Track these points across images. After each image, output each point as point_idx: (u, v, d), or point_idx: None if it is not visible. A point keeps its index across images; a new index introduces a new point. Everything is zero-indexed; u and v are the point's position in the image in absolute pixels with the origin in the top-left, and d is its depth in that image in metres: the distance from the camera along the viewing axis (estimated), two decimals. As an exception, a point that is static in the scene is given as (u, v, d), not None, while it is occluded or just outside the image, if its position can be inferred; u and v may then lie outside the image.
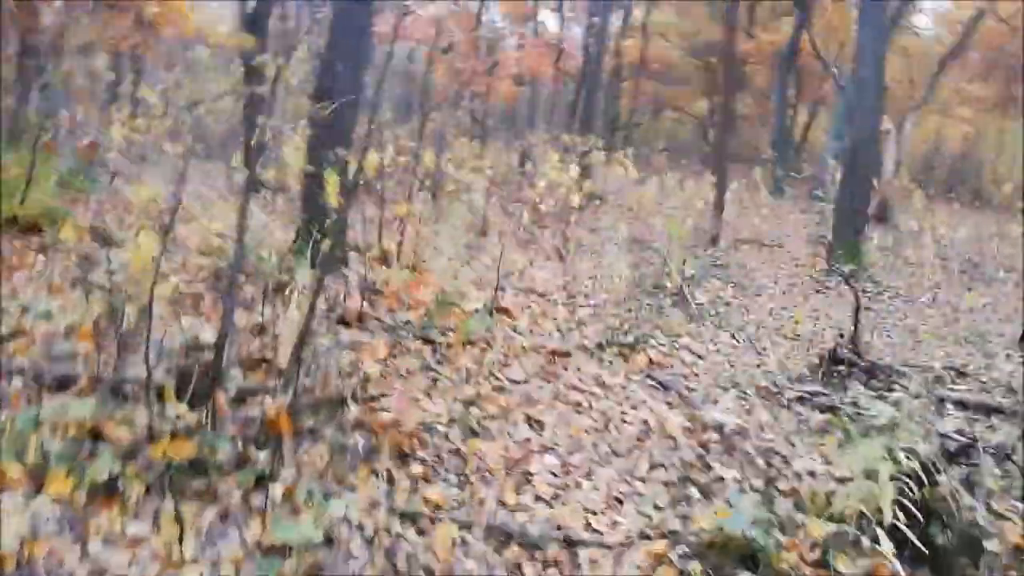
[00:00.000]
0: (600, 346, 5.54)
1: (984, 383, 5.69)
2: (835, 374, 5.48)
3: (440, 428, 3.76)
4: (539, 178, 9.84)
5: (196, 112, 10.25)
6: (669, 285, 7.43)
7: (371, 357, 4.55)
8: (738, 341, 6.33)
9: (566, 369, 5.12)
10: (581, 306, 6.57)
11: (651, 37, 27.02)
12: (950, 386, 5.60)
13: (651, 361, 5.45)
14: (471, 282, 6.73)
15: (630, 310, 6.57)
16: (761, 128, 30.76)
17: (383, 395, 4.04)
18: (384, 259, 6.74)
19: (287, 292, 5.03)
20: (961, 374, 5.90)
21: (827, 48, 23.58)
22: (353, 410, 3.69)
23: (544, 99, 25.96)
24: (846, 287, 9.31)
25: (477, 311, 5.75)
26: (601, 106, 25.19)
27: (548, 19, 23.56)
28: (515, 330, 5.67)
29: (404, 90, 22.25)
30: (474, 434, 3.83)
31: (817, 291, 9.16)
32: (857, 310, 5.45)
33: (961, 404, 5.14)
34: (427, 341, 5.14)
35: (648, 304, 6.89)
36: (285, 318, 4.55)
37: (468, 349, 5.08)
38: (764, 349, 6.23)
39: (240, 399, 3.57)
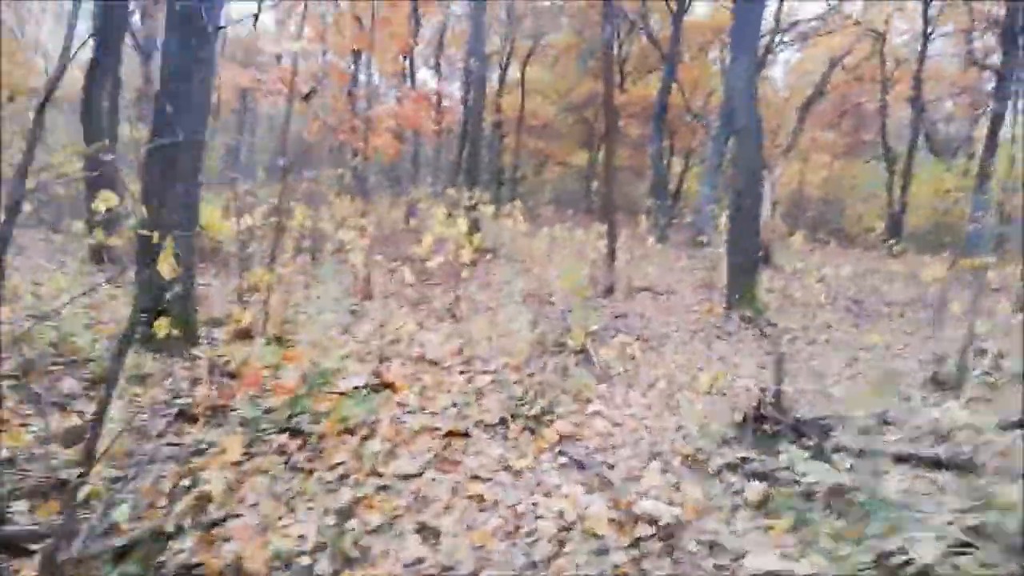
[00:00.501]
0: (503, 421, 4.73)
1: (913, 430, 5.25)
2: (761, 433, 4.89)
3: (303, 561, 2.82)
4: (426, 234, 9.05)
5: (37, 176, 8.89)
6: (571, 343, 6.74)
7: (220, 462, 3.55)
8: (651, 401, 5.68)
9: (465, 454, 4.27)
10: (479, 372, 5.76)
11: (528, 93, 27.17)
12: (880, 437, 5.13)
13: (562, 435, 4.69)
14: (351, 354, 5.80)
15: (532, 374, 5.81)
16: (638, 179, 31.47)
17: (229, 517, 3.06)
18: (246, 334, 5.72)
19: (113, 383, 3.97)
20: (885, 422, 5.45)
21: (694, 100, 24.34)
22: (182, 547, 2.71)
23: (427, 155, 25.44)
24: (748, 332, 8.97)
25: (357, 389, 4.83)
26: (485, 160, 24.93)
27: (426, 77, 23.19)
28: (404, 409, 4.78)
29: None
30: (349, 562, 2.91)
31: (718, 337, 8.75)
32: (779, 362, 4.92)
33: (900, 459, 4.64)
34: (294, 433, 4.18)
35: (552, 365, 6.16)
36: (108, 418, 3.50)
37: (345, 439, 4.15)
38: (678, 407, 5.60)
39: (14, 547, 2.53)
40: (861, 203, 30.16)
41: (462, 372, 5.73)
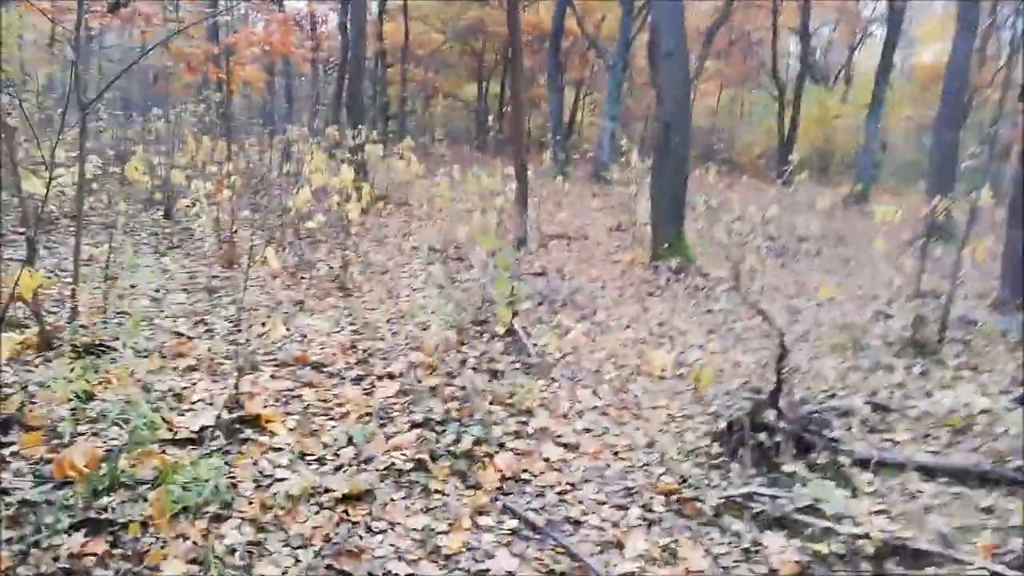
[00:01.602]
0: (422, 464, 3.30)
1: (921, 421, 4.23)
2: (755, 446, 3.70)
3: None
4: (304, 182, 7.30)
5: None
6: (494, 321, 5.34)
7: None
8: (605, 400, 4.39)
9: (371, 531, 2.84)
10: (381, 378, 4.27)
11: (411, 19, 24.82)
12: (888, 436, 4.07)
13: (504, 475, 3.32)
14: (201, 363, 4.16)
15: (452, 375, 4.38)
16: (532, 112, 29.93)
17: None
18: (44, 343, 3.96)
19: None
20: (882, 407, 4.42)
21: (587, 27, 22.85)
22: None
23: (306, 89, 22.88)
24: (681, 285, 7.84)
25: (204, 434, 3.27)
26: (369, 94, 22.65)
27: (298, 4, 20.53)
28: (275, 458, 3.26)
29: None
30: None
31: (651, 294, 7.59)
32: (781, 355, 3.73)
33: (926, 471, 3.57)
34: (98, 527, 2.61)
35: (475, 359, 4.75)
36: None
37: (179, 529, 2.63)
38: (640, 407, 4.35)
39: None
40: (748, 133, 29.96)
41: (358, 380, 4.22)
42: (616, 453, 3.71)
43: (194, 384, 3.85)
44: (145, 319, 4.74)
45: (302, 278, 6.74)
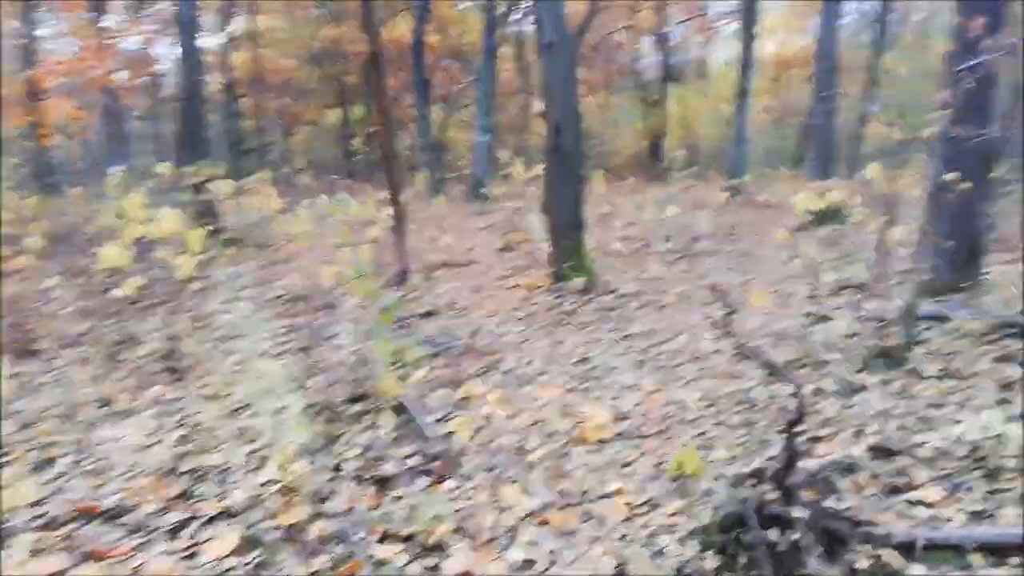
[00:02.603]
0: None
1: (935, 462, 3.26)
2: (772, 553, 2.58)
3: None
4: (120, 234, 5.67)
5: None
6: (375, 395, 3.99)
7: None
8: (539, 500, 3.15)
9: None
10: (212, 521, 2.85)
11: (262, 45, 22.94)
12: (915, 495, 3.06)
13: None
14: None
15: (324, 499, 3.01)
16: (399, 133, 28.55)
17: None
18: None
19: None
20: (887, 452, 3.43)
21: (449, 40, 21.78)
22: None
23: (135, 128, 20.43)
24: (590, 307, 6.75)
25: None
26: (220, 127, 20.62)
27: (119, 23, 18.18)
28: None
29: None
30: None
31: (561, 323, 6.45)
32: (795, 422, 2.62)
33: (996, 550, 2.56)
34: None
35: (355, 460, 3.39)
36: None
37: None
38: (588, 502, 3.15)
39: None
40: (618, 136, 29.86)
41: (175, 532, 2.77)
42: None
43: None
44: None
45: (120, 361, 5.12)
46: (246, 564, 2.55)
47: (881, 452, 3.40)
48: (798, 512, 2.58)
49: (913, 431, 3.62)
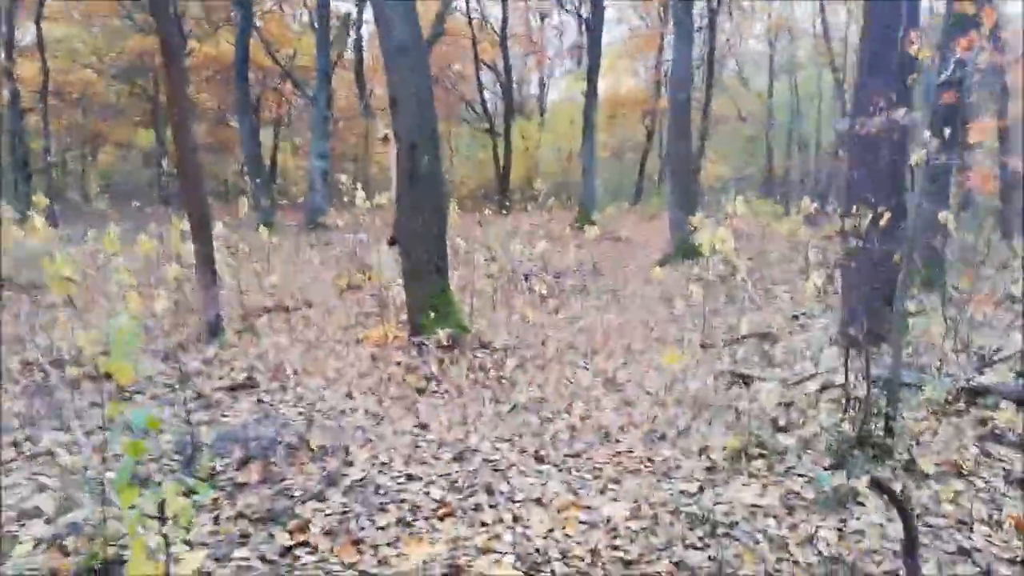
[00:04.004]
0: None
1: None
2: None
3: None
4: None
5: None
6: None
7: None
8: None
9: None
10: None
11: (54, 56, 19.51)
12: None
13: None
14: None
15: None
16: (225, 158, 25.71)
17: None
18: None
19: None
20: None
21: (279, 59, 19.67)
22: None
23: None
24: (461, 367, 5.30)
25: None
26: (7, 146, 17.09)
27: None
28: None
29: None
30: None
31: (423, 390, 4.92)
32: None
33: None
34: None
35: None
36: None
37: None
38: None
39: None
40: (461, 167, 28.85)
41: None
42: None
43: None
44: None
45: None
46: None
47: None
48: None
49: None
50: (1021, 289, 6.17)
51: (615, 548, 2.82)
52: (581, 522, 3.00)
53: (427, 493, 3.25)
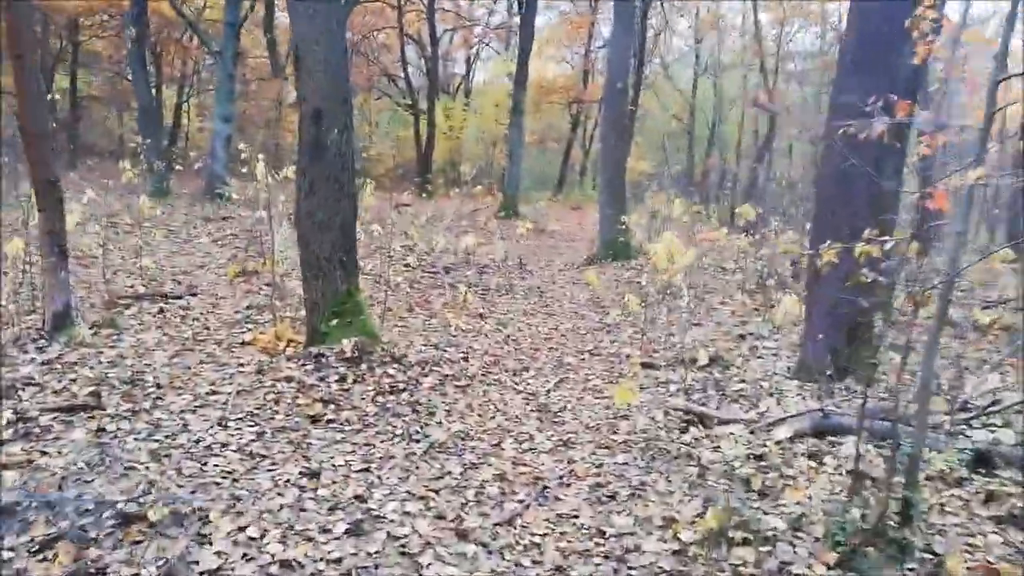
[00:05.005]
0: None
1: None
2: None
3: None
4: None
5: None
6: None
7: None
8: None
9: None
10: None
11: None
12: None
13: None
14: None
15: None
16: (120, 113, 23.28)
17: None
18: None
19: None
20: None
21: (185, 8, 17.71)
22: None
23: None
24: (367, 390, 4.36)
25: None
26: None
27: None
28: None
29: None
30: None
31: (317, 419, 3.94)
32: None
33: None
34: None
35: None
36: None
37: None
38: None
39: None
40: (380, 144, 27.37)
41: None
42: None
43: None
44: None
45: None
46: None
47: None
48: None
49: None
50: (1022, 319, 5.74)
51: None
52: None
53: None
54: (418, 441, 3.76)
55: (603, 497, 3.26)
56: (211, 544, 2.57)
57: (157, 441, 3.44)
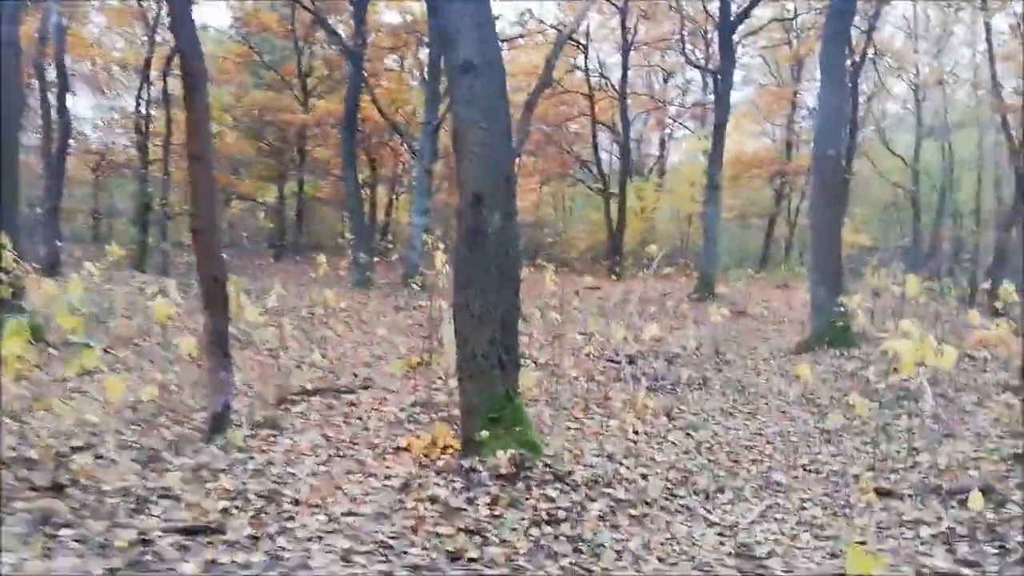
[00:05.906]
0: None
1: None
2: None
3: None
4: None
5: None
6: None
7: None
8: None
9: None
10: None
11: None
12: None
13: None
14: None
15: None
16: (343, 213, 25.57)
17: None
18: None
19: None
20: None
21: (393, 117, 19.11)
22: None
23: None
24: (524, 521, 3.56)
25: None
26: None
27: None
28: None
29: None
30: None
31: (458, 560, 3.23)
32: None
33: None
34: None
35: None
36: None
37: None
38: None
39: None
40: (572, 227, 27.40)
41: None
42: None
43: None
44: None
45: None
46: None
47: None
48: None
49: None
50: None
51: None
52: None
53: None
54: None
55: None
56: None
57: (268, 580, 2.91)
